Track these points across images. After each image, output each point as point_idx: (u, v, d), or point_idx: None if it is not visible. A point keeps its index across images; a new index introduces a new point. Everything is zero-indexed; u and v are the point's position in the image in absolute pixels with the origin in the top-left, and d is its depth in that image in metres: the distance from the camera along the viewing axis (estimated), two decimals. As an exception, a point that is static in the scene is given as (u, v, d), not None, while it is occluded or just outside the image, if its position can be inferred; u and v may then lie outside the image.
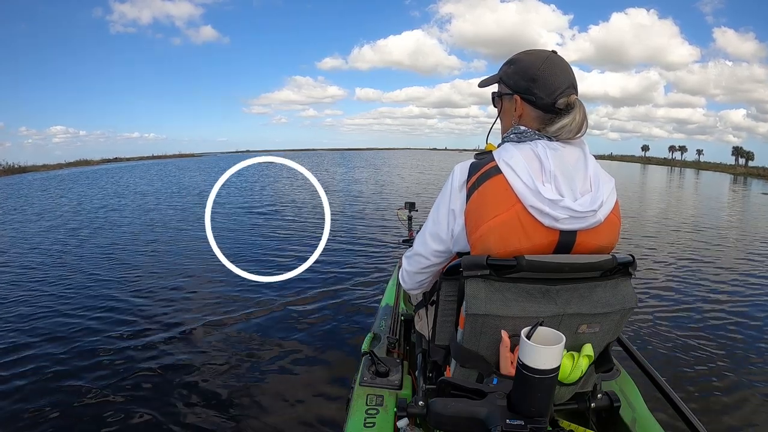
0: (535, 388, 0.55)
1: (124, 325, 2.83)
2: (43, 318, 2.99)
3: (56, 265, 4.47)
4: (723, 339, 2.68)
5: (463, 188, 0.78)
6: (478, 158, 0.80)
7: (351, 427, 0.93)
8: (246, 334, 2.68)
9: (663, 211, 9.18)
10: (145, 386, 2.11)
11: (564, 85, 0.78)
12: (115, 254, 4.85)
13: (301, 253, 4.62)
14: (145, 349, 2.49)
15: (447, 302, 0.82)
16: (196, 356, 2.41)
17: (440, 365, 0.87)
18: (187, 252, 4.91)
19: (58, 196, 11.94)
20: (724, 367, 2.33)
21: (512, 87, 0.83)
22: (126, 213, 8.25)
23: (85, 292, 3.53)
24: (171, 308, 3.15)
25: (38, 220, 7.56)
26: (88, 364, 2.32)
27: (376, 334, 1.36)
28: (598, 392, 0.89)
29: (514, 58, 0.85)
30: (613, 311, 0.74)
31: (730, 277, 4.07)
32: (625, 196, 11.18)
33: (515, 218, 0.72)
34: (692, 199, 13.17)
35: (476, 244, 0.75)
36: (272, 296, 3.34)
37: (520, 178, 0.71)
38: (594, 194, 0.73)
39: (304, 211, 7.95)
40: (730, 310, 3.16)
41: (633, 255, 0.76)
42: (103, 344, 2.56)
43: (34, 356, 2.43)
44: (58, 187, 15.41)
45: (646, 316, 2.97)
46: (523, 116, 0.82)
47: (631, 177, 24.43)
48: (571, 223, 0.72)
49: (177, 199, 10.37)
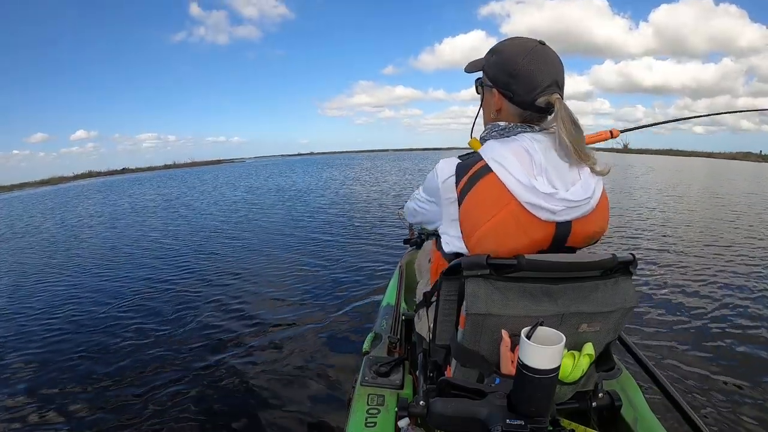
0: (535, 388, 0.55)
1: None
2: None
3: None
4: (726, 338, 2.67)
5: (449, 187, 0.77)
6: (463, 158, 0.78)
7: (352, 427, 0.93)
8: (245, 334, 2.69)
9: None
10: (138, 383, 2.13)
11: (546, 82, 0.75)
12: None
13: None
14: (140, 348, 2.51)
15: (447, 302, 0.81)
16: (193, 356, 2.41)
17: (441, 365, 0.87)
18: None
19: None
20: (727, 365, 2.32)
21: (492, 79, 0.80)
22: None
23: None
24: (165, 304, 3.16)
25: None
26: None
27: (377, 334, 1.35)
28: (599, 391, 0.89)
29: (498, 47, 0.81)
30: (614, 310, 0.74)
31: (736, 275, 4.05)
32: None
33: (511, 217, 0.71)
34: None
35: (474, 248, 0.75)
36: (272, 296, 3.35)
37: (512, 175, 0.71)
38: (584, 181, 0.74)
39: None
40: (735, 309, 3.15)
41: (633, 254, 0.76)
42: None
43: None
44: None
45: (648, 315, 2.96)
46: (502, 110, 0.81)
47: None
48: (567, 213, 0.72)
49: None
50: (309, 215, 7.42)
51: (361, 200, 9.28)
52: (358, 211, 7.72)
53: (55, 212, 10.84)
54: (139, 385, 2.15)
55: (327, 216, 7.22)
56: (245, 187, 14.58)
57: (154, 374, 2.25)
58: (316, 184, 14.04)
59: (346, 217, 7.06)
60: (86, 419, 1.91)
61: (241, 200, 10.49)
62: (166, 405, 1.95)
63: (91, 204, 12.38)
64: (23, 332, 2.97)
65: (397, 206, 1.95)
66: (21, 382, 2.27)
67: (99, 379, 2.24)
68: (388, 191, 10.88)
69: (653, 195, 9.80)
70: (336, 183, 14.29)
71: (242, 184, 16.14)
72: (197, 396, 2.03)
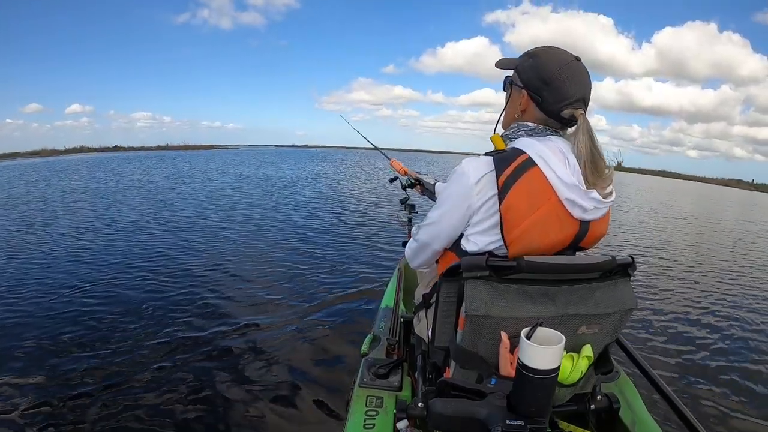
0: (535, 389, 0.55)
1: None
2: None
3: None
4: (724, 341, 2.67)
5: (487, 183, 0.75)
6: (496, 154, 0.78)
7: (351, 429, 0.93)
8: (244, 334, 2.68)
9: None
10: (134, 383, 2.11)
11: (575, 96, 0.77)
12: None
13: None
14: (134, 347, 2.49)
15: (446, 303, 0.82)
16: (190, 355, 2.40)
17: (440, 366, 0.87)
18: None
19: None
20: (725, 369, 2.33)
21: (524, 81, 0.82)
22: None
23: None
24: (160, 300, 3.15)
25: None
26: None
27: (375, 336, 1.35)
28: (597, 394, 0.89)
29: (536, 51, 0.82)
30: (613, 312, 0.74)
31: (734, 280, 4.07)
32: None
33: (553, 211, 0.73)
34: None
35: (517, 240, 0.74)
36: (270, 297, 3.34)
37: (554, 171, 0.72)
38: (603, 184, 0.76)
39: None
40: (733, 313, 3.16)
41: (632, 256, 0.77)
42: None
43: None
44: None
45: (646, 318, 2.96)
46: (526, 112, 0.82)
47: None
48: (593, 213, 0.75)
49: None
50: (309, 215, 7.40)
51: (360, 200, 9.28)
52: (357, 212, 7.71)
53: (39, 185, 10.54)
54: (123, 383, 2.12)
55: (326, 216, 7.21)
56: (235, 174, 14.47)
57: (149, 378, 2.22)
58: (316, 179, 13.97)
59: (346, 218, 7.05)
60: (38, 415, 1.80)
61: (229, 187, 10.36)
62: (162, 406, 1.94)
63: (76, 179, 12.06)
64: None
65: (395, 206, 1.95)
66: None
67: (59, 373, 2.10)
68: (388, 192, 10.88)
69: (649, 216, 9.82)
70: (337, 179, 14.26)
71: (233, 171, 16.15)
72: (190, 394, 2.02)
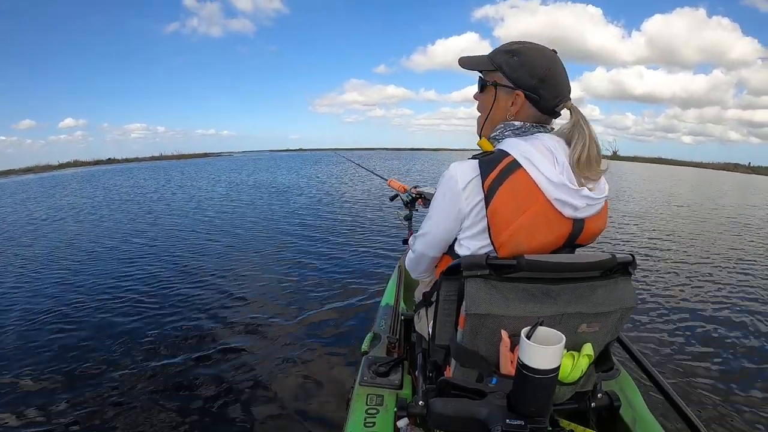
0: (535, 388, 0.55)
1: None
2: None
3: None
4: (725, 339, 2.67)
5: (474, 188, 0.75)
6: (481, 156, 0.78)
7: (351, 427, 0.93)
8: (244, 333, 2.68)
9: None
10: (134, 383, 2.12)
11: (566, 89, 0.78)
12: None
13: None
14: (134, 350, 2.50)
15: (447, 302, 0.81)
16: (189, 353, 2.40)
17: (440, 365, 0.87)
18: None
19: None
20: (725, 367, 2.33)
21: (515, 80, 0.79)
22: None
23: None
24: (161, 302, 3.15)
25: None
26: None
27: (376, 334, 1.35)
28: (598, 392, 0.89)
29: (518, 48, 0.80)
30: (613, 311, 0.74)
31: (735, 277, 4.06)
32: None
33: (541, 213, 0.72)
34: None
35: (506, 244, 0.74)
36: (270, 297, 3.34)
37: (541, 171, 0.71)
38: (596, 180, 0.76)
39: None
40: (734, 310, 3.16)
41: (633, 254, 0.76)
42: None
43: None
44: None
45: (647, 316, 2.96)
46: (519, 113, 0.81)
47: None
48: (586, 211, 0.74)
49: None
50: (307, 215, 7.41)
51: (359, 200, 9.28)
52: (356, 211, 7.71)
53: (27, 204, 10.46)
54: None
55: (326, 216, 7.21)
56: (227, 182, 14.48)
57: (152, 379, 2.23)
58: (310, 181, 13.98)
59: (346, 217, 7.05)
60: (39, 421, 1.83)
61: (225, 196, 10.32)
62: (161, 407, 1.94)
63: (65, 195, 12.03)
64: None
65: (395, 206, 1.94)
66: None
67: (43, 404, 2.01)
68: (388, 192, 10.86)
69: (652, 204, 9.79)
70: (332, 180, 14.25)
71: (224, 178, 16.17)
72: (191, 394, 2.02)
